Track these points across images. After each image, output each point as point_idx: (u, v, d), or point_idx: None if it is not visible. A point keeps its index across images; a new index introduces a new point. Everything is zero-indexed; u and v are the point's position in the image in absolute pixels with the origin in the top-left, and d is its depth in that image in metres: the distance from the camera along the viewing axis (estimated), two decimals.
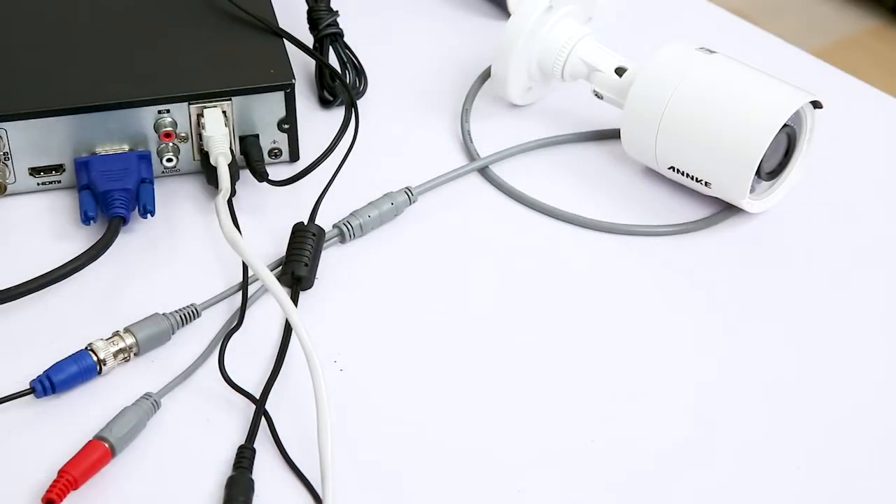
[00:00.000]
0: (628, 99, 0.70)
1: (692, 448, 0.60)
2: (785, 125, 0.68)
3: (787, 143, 0.69)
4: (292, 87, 0.70)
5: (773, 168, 0.69)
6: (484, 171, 0.73)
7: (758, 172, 0.68)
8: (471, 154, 0.74)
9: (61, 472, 0.57)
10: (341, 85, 0.75)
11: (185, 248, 0.68)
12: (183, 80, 0.70)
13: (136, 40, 0.72)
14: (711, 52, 0.70)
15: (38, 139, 0.69)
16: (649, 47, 0.73)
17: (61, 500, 0.56)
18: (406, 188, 0.70)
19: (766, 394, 0.63)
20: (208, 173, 0.71)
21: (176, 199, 0.71)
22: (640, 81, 0.70)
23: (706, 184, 0.69)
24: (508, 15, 0.82)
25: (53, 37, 0.72)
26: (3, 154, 0.68)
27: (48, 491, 0.56)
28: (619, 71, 0.72)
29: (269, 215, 0.70)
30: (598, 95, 0.73)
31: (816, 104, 0.69)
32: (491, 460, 0.60)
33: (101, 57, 0.71)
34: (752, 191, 0.69)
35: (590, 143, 0.75)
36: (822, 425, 0.61)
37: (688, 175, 0.70)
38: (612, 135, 0.75)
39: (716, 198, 0.71)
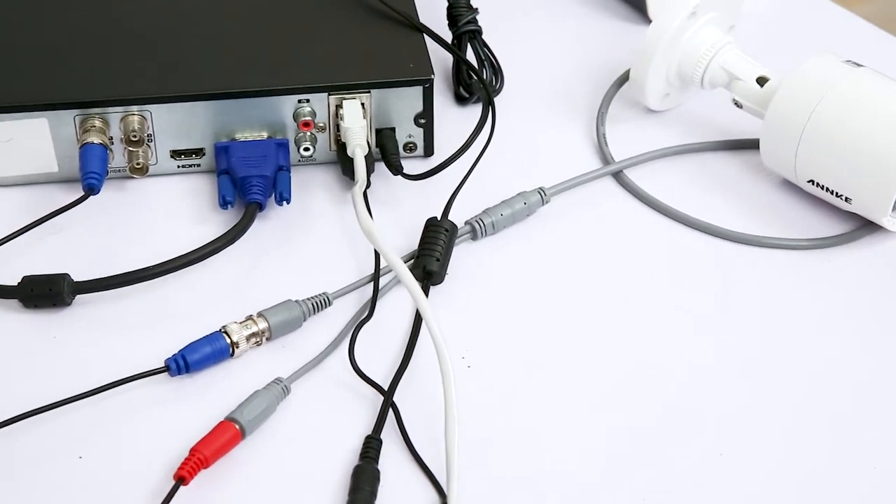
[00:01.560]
0: (770, 109, 0.69)
1: (823, 466, 0.59)
2: None
3: None
4: (431, 82, 0.70)
5: None
6: (618, 176, 0.73)
7: None
8: (605, 157, 0.74)
9: (193, 451, 0.58)
10: (479, 82, 0.75)
11: (319, 236, 0.69)
12: (324, 71, 0.70)
13: (279, 30, 0.73)
14: (858, 65, 0.69)
15: (181, 122, 0.70)
16: (792, 58, 0.72)
17: (192, 478, 0.57)
18: (539, 188, 0.70)
19: None
20: (343, 164, 0.71)
21: (311, 187, 0.72)
22: (783, 92, 0.69)
23: (846, 199, 0.68)
24: (647, 19, 0.82)
25: (199, 25, 0.73)
26: (147, 135, 0.70)
27: (180, 468, 0.57)
28: (761, 80, 0.71)
29: (402, 209, 0.71)
30: (737, 104, 0.73)
31: None
32: (617, 467, 0.59)
33: (245, 45, 0.72)
34: (893, 208, 0.67)
35: (726, 152, 0.74)
36: None
37: (827, 189, 0.68)
38: (750, 145, 0.74)
39: (855, 214, 0.69)
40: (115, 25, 0.73)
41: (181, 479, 0.57)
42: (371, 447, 0.59)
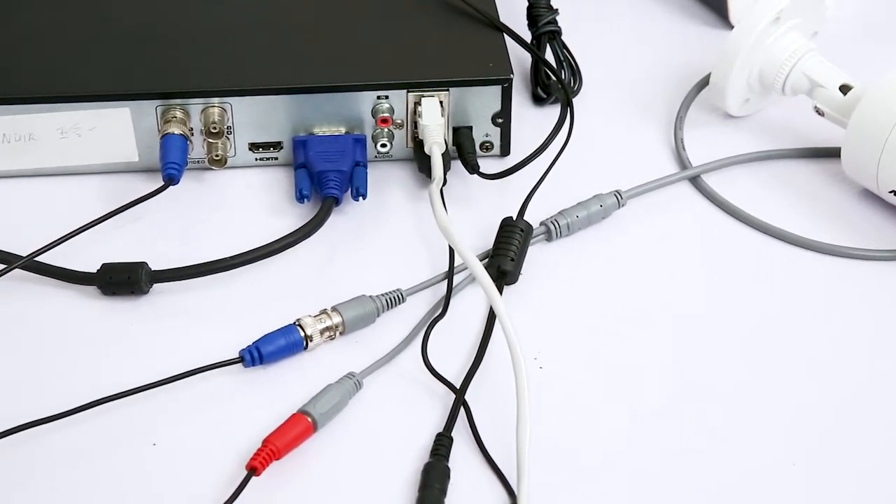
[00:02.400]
0: (853, 118, 0.68)
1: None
2: None
3: None
4: (510, 81, 0.70)
5: None
6: (695, 181, 0.72)
7: None
8: (682, 162, 0.73)
9: (266, 442, 0.58)
10: (557, 83, 0.75)
11: (394, 233, 0.69)
12: (403, 68, 0.71)
13: (359, 27, 0.73)
14: None
15: (260, 116, 0.70)
16: (875, 66, 0.71)
17: (264, 469, 0.57)
18: (615, 191, 0.70)
19: None
20: (420, 161, 0.71)
21: (386, 184, 0.72)
22: (867, 101, 0.68)
23: None
24: (728, 23, 0.81)
25: (280, 19, 0.74)
26: (227, 128, 0.70)
27: (252, 458, 0.57)
28: (844, 89, 0.71)
29: (477, 208, 0.70)
30: (819, 112, 0.72)
31: None
32: (687, 472, 0.59)
33: (325, 41, 0.72)
34: None
35: (806, 160, 0.74)
36: None
37: None
38: (830, 153, 0.73)
39: None
40: (199, 18, 0.74)
41: (253, 470, 0.57)
42: (442, 445, 0.59)
